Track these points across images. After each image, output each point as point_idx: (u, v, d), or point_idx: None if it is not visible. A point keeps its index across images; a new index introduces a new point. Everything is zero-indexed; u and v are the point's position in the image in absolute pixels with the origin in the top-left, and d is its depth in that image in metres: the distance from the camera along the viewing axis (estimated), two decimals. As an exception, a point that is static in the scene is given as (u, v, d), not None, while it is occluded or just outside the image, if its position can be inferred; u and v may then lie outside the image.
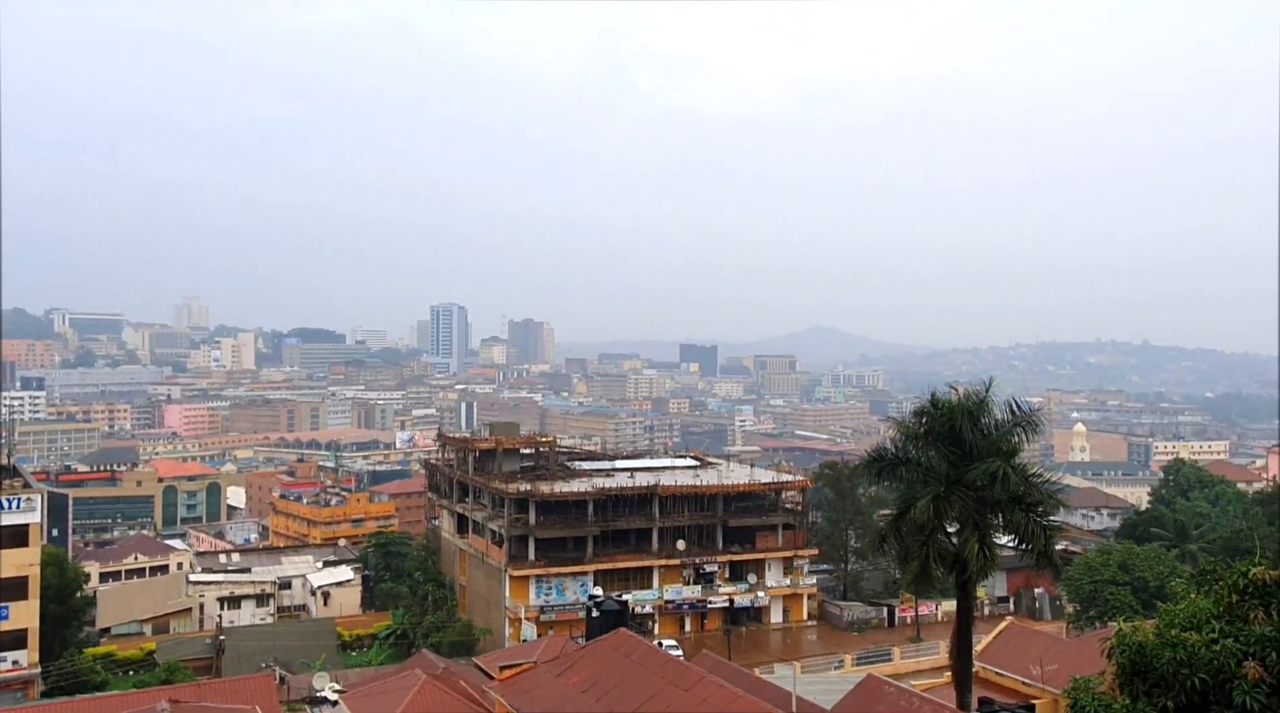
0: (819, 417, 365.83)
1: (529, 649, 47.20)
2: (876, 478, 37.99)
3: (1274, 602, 11.60)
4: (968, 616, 35.68)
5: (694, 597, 75.08)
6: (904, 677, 50.97)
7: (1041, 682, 38.91)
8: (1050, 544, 34.35)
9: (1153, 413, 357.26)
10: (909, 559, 34.49)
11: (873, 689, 31.82)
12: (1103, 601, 59.02)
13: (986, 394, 34.44)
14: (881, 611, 77.70)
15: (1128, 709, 11.25)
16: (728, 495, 77.94)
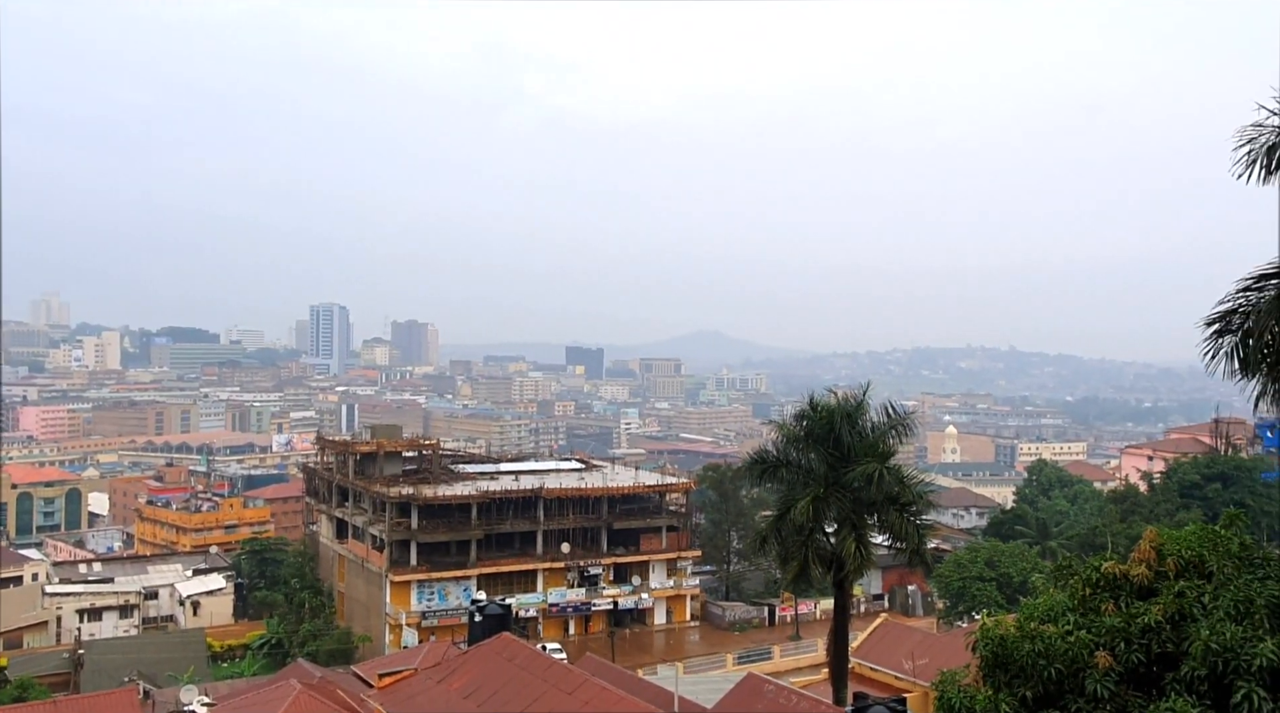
0: (703, 419, 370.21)
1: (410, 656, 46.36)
2: (758, 480, 38.70)
3: (1123, 594, 12.33)
4: (844, 613, 36.69)
5: (578, 599, 75.06)
6: (783, 675, 52.05)
7: (913, 676, 40.36)
8: (923, 543, 35.64)
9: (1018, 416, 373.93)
10: (789, 559, 35.30)
11: (753, 688, 32.39)
12: (970, 596, 61.37)
13: (864, 398, 35.54)
14: (762, 610, 79.13)
15: (990, 700, 11.76)
16: (612, 498, 78.18)
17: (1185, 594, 11.80)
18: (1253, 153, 13.69)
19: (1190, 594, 11.79)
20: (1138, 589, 12.40)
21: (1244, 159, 13.74)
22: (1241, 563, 12.42)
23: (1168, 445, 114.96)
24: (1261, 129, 13.70)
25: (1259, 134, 13.68)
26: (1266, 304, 14.12)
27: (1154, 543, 12.81)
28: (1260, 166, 13.68)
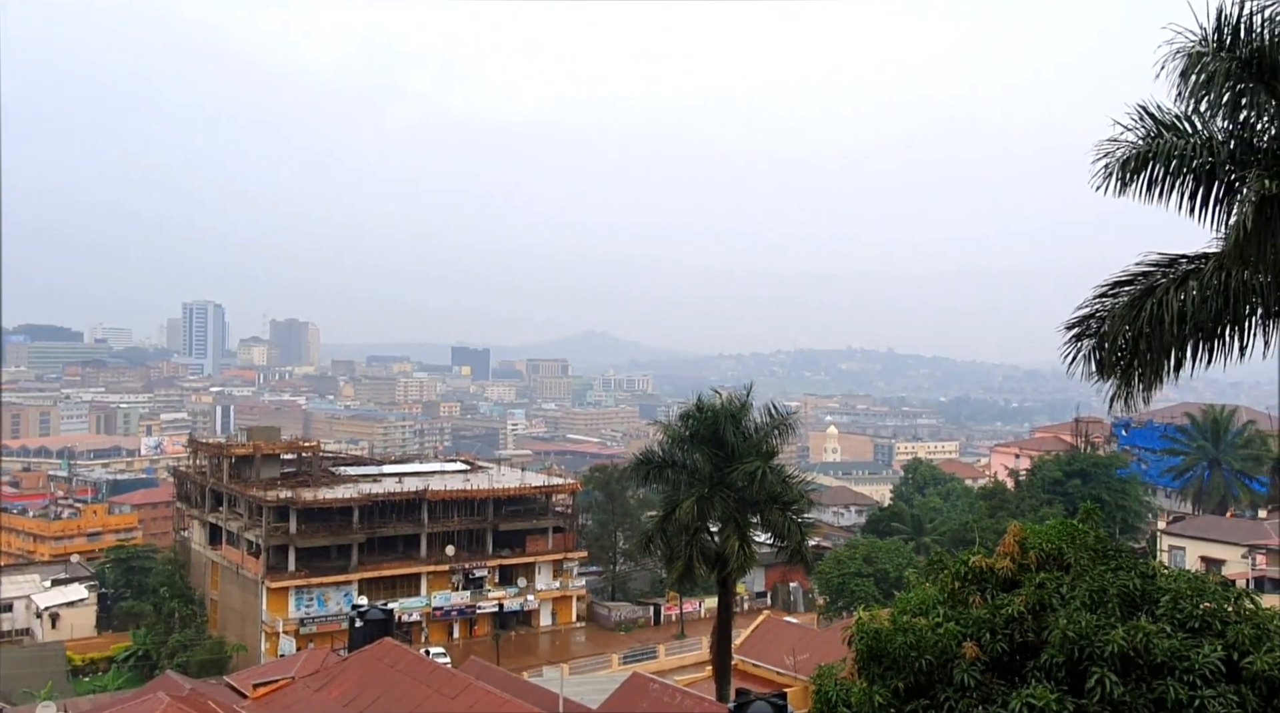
0: (590, 420, 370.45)
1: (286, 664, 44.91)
2: (644, 480, 39.03)
3: (989, 587, 12.84)
4: (728, 611, 37.29)
5: (463, 603, 74.17)
6: (668, 673, 52.47)
7: (794, 671, 41.18)
8: (804, 541, 36.50)
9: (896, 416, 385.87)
10: (674, 558, 35.68)
11: (637, 687, 32.56)
12: (849, 592, 63.06)
13: (747, 398, 36.20)
14: (648, 610, 79.67)
15: (864, 692, 12.09)
16: (498, 500, 77.53)
17: (1045, 585, 12.36)
18: (1109, 166, 14.44)
19: (1050, 585, 12.36)
20: (1002, 582, 12.93)
21: (1101, 172, 14.49)
22: (1097, 555, 13.08)
23: (1033, 444, 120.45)
24: (1117, 143, 14.46)
25: (1115, 148, 14.44)
26: (1120, 310, 14.90)
27: (1017, 537, 13.38)
28: (1116, 179, 14.43)
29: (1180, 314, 14.15)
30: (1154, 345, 14.68)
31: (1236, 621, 11.65)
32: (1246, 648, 11.09)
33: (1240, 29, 13.17)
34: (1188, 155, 14.06)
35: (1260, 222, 12.37)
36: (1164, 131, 14.32)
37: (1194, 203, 14.38)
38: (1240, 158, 13.95)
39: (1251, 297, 14.19)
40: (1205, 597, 12.16)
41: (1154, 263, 15.20)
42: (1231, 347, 14.93)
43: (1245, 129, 13.83)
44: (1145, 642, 11.04)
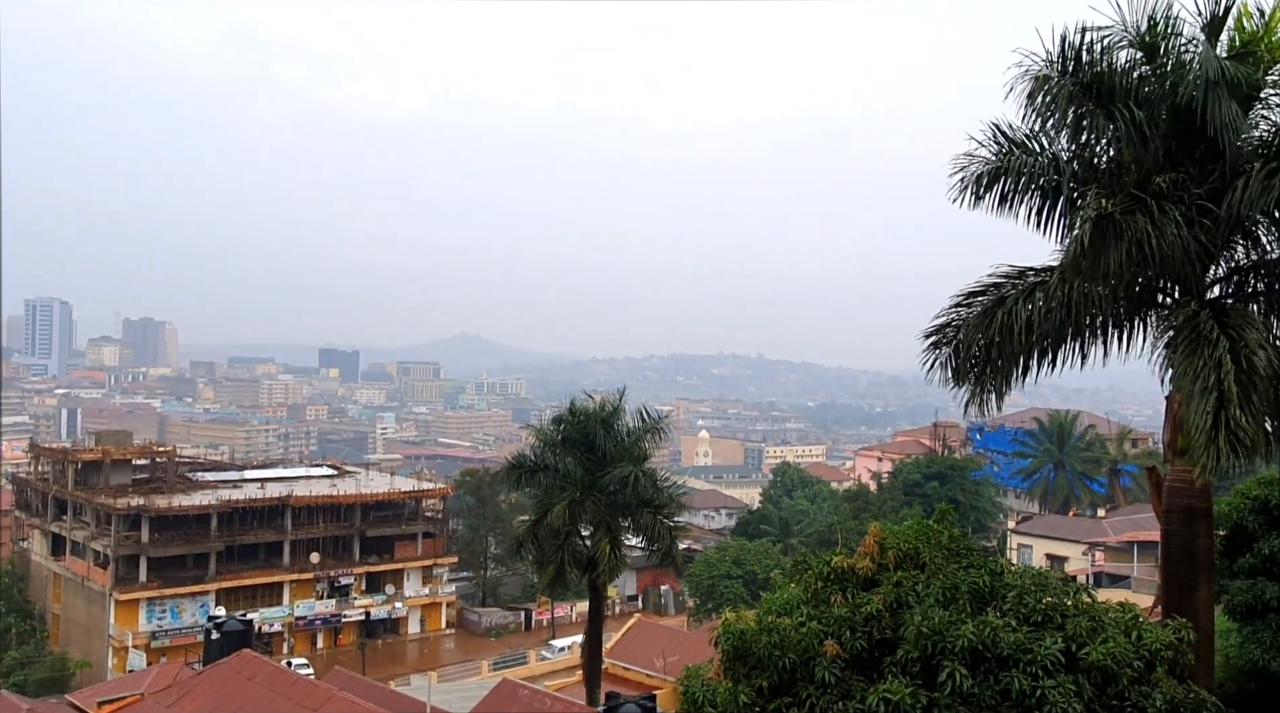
0: (462, 424, 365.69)
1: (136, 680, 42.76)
2: (516, 484, 38.73)
3: (849, 586, 13.24)
4: (599, 615, 37.35)
5: (328, 611, 72.13)
6: (539, 679, 52.19)
7: (664, 673, 41.52)
8: (675, 544, 36.86)
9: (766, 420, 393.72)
10: (546, 563, 35.56)
11: (507, 693, 32.23)
12: (719, 594, 64.01)
13: (620, 402, 36.33)
14: (519, 615, 79.14)
15: (729, 691, 12.28)
16: (366, 505, 75.72)
17: (902, 584, 12.81)
18: (964, 180, 15.12)
19: (907, 584, 12.82)
20: (862, 581, 13.34)
21: (958, 185, 15.16)
22: (950, 554, 13.65)
23: (895, 448, 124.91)
24: (972, 158, 15.15)
25: (970, 163, 15.13)
26: (974, 319, 15.60)
27: (877, 538, 13.83)
28: (971, 193, 15.12)
29: (1028, 324, 14.91)
30: (1004, 353, 15.42)
31: (1075, 614, 12.32)
32: (1084, 640, 11.75)
33: (1081, 55, 13.97)
34: (1035, 172, 14.85)
35: (1097, 238, 13.13)
36: (1014, 149, 15.09)
37: (1040, 217, 15.20)
38: (1082, 176, 14.81)
39: (1091, 308, 15.08)
40: (1048, 592, 12.83)
41: (1004, 275, 15.98)
42: (1074, 355, 15.83)
43: (1086, 149, 14.69)
44: (992, 636, 11.56)
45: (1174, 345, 13.67)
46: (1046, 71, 14.16)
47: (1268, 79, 14.07)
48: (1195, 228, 13.39)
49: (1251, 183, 12.93)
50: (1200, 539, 14.67)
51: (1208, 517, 14.89)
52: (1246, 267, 14.86)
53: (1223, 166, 13.48)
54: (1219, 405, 12.40)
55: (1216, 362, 12.69)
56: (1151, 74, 14.15)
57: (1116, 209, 13.19)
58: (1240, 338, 12.90)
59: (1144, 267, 13.44)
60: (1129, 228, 13.07)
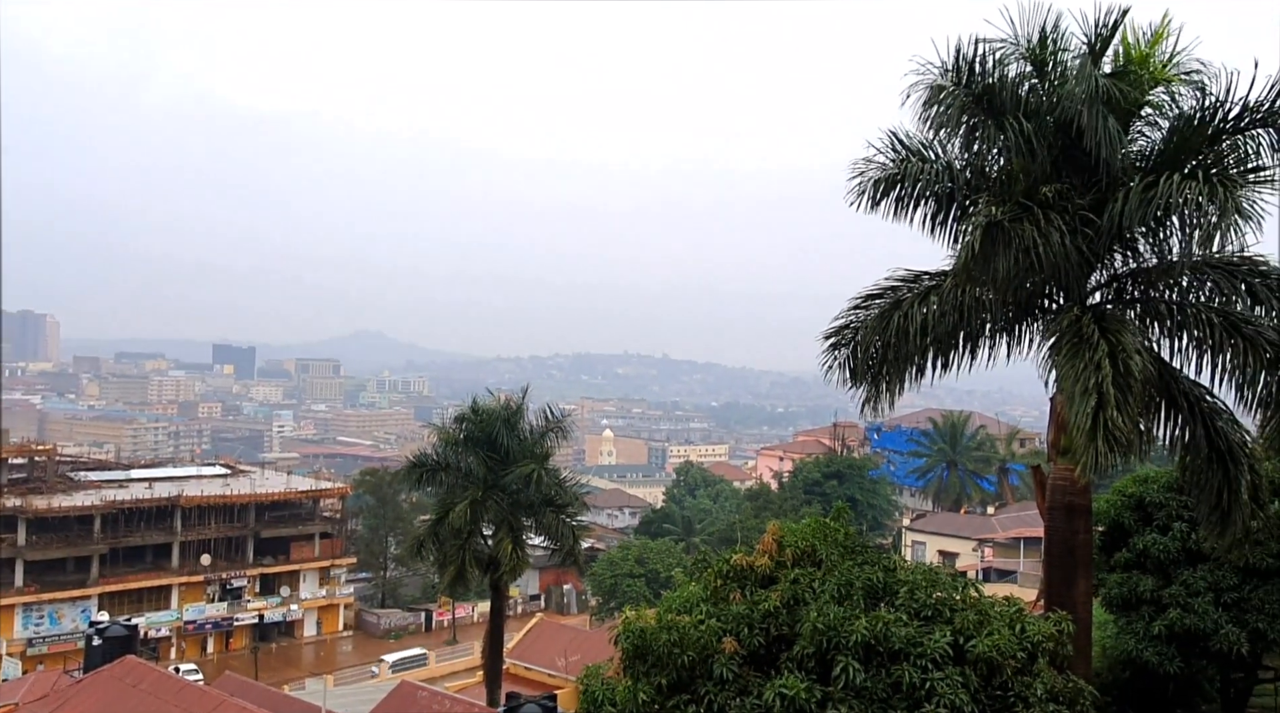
0: (363, 422, 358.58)
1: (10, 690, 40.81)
2: (417, 483, 38.20)
3: (748, 583, 13.40)
4: (500, 615, 37.09)
5: (219, 615, 69.93)
6: (439, 680, 51.61)
7: (566, 672, 41.46)
8: (577, 543, 36.82)
9: (669, 420, 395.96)
10: (447, 563, 35.13)
11: (405, 695, 31.74)
12: (621, 593, 64.14)
13: (523, 401, 36.16)
14: (419, 616, 78.00)
15: (628, 689, 12.31)
16: (261, 505, 73.65)
17: (799, 581, 13.02)
18: (862, 186, 15.47)
19: (804, 581, 13.03)
20: (761, 578, 13.51)
21: (855, 190, 15.50)
22: (846, 551, 13.93)
23: (796, 447, 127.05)
24: (870, 164, 15.51)
25: (868, 169, 15.49)
26: (871, 321, 15.98)
27: (776, 536, 14.03)
28: (868, 198, 15.48)
29: (922, 326, 15.34)
30: (900, 355, 15.83)
31: (963, 608, 12.69)
32: (971, 633, 12.12)
33: (975, 67, 14.43)
34: (930, 179, 15.28)
35: (987, 244, 13.58)
36: (911, 156, 15.50)
37: (934, 223, 15.65)
38: (974, 184, 15.30)
39: (982, 312, 15.60)
40: (938, 588, 13.19)
41: (901, 278, 16.42)
42: (965, 357, 16.34)
43: (978, 158, 15.17)
44: (885, 631, 11.84)
45: (1058, 349, 14.21)
46: (941, 81, 14.57)
47: (1147, 99, 14.74)
48: (1078, 237, 13.96)
49: (1131, 196, 13.53)
50: (1080, 535, 15.30)
51: (1087, 513, 15.54)
52: (1124, 274, 15.54)
53: (1103, 179, 14.08)
54: (1098, 406, 12.93)
55: (1096, 365, 13.23)
56: (1040, 88, 14.68)
57: (1005, 217, 13.66)
58: (1118, 342, 13.48)
59: (1031, 273, 13.95)
60: (1017, 235, 13.55)
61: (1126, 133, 14.51)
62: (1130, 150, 14.77)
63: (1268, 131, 13.92)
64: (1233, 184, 13.19)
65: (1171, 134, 14.50)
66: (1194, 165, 13.70)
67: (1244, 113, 13.92)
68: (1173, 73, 14.37)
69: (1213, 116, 14.10)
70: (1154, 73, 14.44)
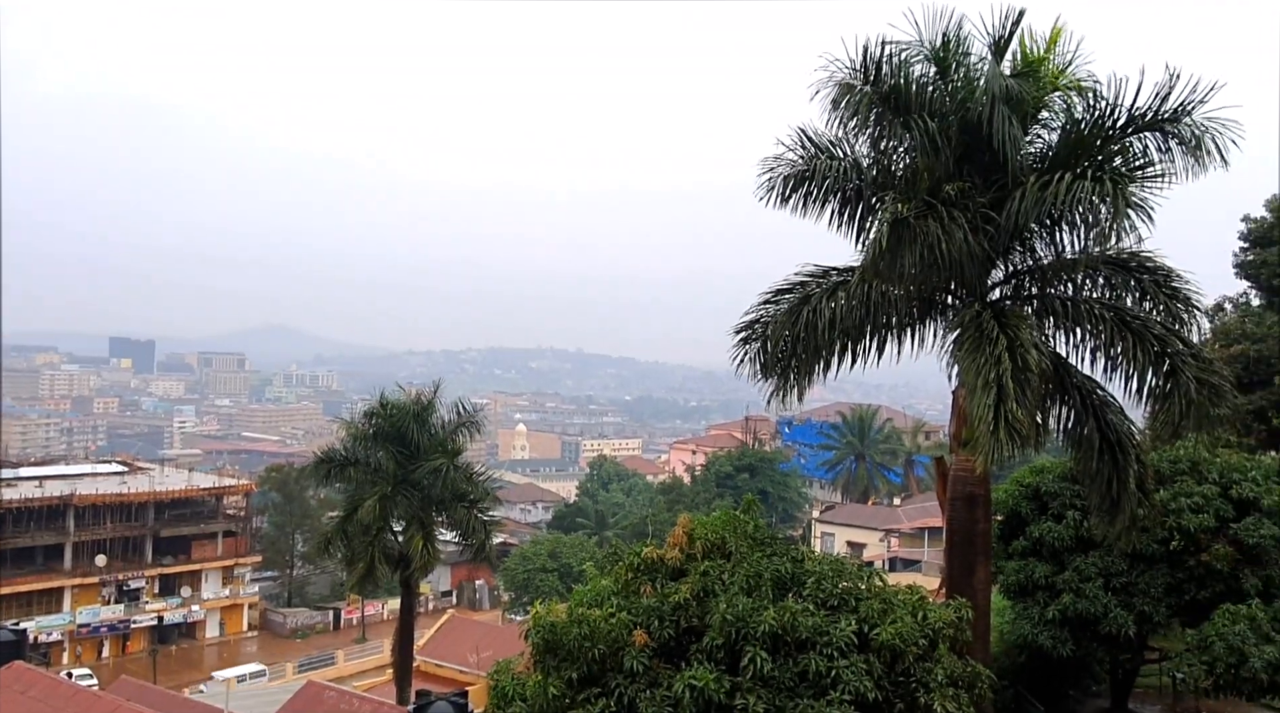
0: (269, 418, 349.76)
1: (-112, 700, 38.75)
2: (325, 479, 37.41)
3: (659, 576, 13.47)
4: (410, 612, 36.61)
5: (115, 617, 67.49)
6: (347, 679, 50.70)
7: (478, 668, 41.14)
8: (489, 538, 36.55)
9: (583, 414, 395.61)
10: (355, 560, 34.49)
11: (312, 695, 31.07)
12: (534, 587, 63.90)
13: (434, 395, 35.69)
14: (327, 614, 76.53)
15: (539, 684, 12.28)
16: (160, 503, 71.29)
17: (709, 573, 13.14)
18: (771, 182, 15.65)
19: (713, 573, 13.15)
20: (671, 571, 13.61)
21: (765, 186, 15.66)
22: (755, 543, 14.11)
23: (708, 441, 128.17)
24: (780, 161, 15.69)
25: (777, 166, 15.66)
26: (781, 315, 16.17)
27: (686, 529, 14.13)
28: (778, 194, 15.66)
29: (831, 321, 15.59)
30: (808, 348, 16.06)
31: (868, 597, 12.99)
32: (875, 621, 12.41)
33: (881, 66, 14.70)
34: (838, 176, 15.53)
35: (893, 240, 13.87)
36: (819, 153, 15.72)
37: (843, 220, 15.92)
38: (881, 181, 15.60)
39: (888, 307, 15.92)
40: (844, 578, 13.47)
41: (810, 273, 16.66)
42: (872, 351, 16.67)
43: (885, 156, 15.47)
44: (792, 620, 12.03)
45: (960, 344, 14.59)
46: (850, 80, 14.80)
47: (1044, 101, 15.23)
48: (979, 234, 14.35)
49: (1028, 194, 13.96)
50: (980, 524, 15.75)
51: (987, 503, 16.01)
52: (1023, 271, 16.04)
53: (1004, 178, 14.49)
54: (998, 400, 13.32)
55: (996, 359, 13.64)
56: (944, 88, 15.03)
57: (911, 214, 13.97)
58: (1016, 337, 13.92)
59: (935, 269, 14.28)
60: (922, 232, 13.87)
61: (1026, 133, 14.97)
62: (1029, 151, 15.24)
63: (1154, 135, 14.51)
64: (1123, 183, 13.72)
65: (1066, 136, 15.01)
66: (1086, 166, 14.19)
67: (1132, 118, 14.50)
68: (1067, 77, 14.88)
69: (1104, 120, 14.64)
70: (1050, 76, 14.93)
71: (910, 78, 14.83)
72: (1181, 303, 15.03)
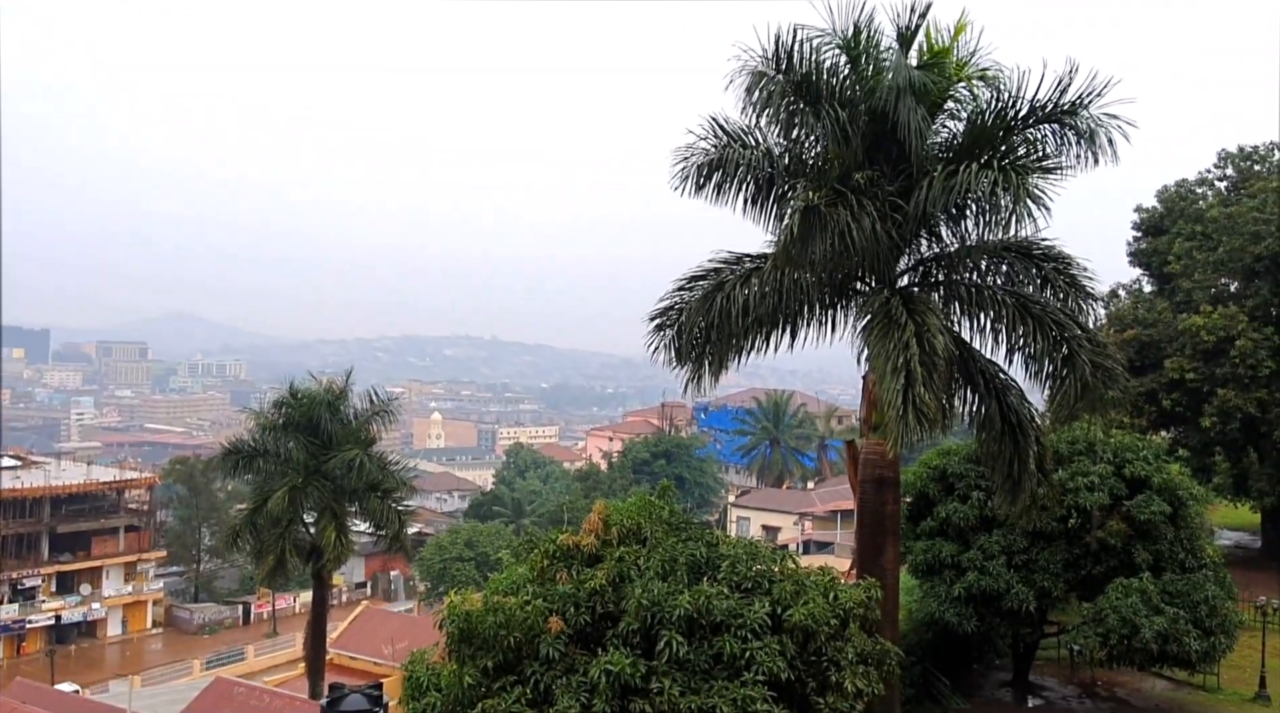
0: (174, 409, 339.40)
1: None
2: (233, 471, 36.67)
3: (575, 563, 13.47)
4: (323, 604, 36.04)
5: (9, 618, 64.81)
6: (258, 674, 49.61)
7: (393, 660, 40.64)
8: (404, 528, 36.24)
9: (499, 402, 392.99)
10: (265, 553, 33.82)
11: (221, 692, 30.42)
12: (451, 577, 63.37)
13: (347, 384, 35.14)
14: (236, 609, 74.74)
15: (454, 673, 12.19)
16: (57, 498, 68.54)
17: (625, 559, 13.19)
18: (685, 170, 15.72)
19: (629, 558, 13.21)
20: (587, 557, 13.62)
21: (678, 174, 15.72)
22: (670, 528, 14.20)
23: (625, 428, 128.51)
24: (693, 150, 15.76)
25: (691, 154, 15.74)
26: (695, 302, 16.28)
27: (601, 515, 14.15)
28: (691, 182, 15.74)
29: (744, 307, 15.75)
30: (722, 335, 16.21)
31: (781, 579, 13.19)
32: (788, 603, 12.61)
33: (793, 55, 14.85)
34: (751, 165, 15.68)
35: (805, 228, 14.06)
36: (732, 142, 15.84)
37: (755, 207, 16.08)
38: (793, 170, 15.80)
39: (800, 294, 16.15)
40: (758, 561, 13.66)
41: (724, 260, 16.80)
42: (785, 337, 16.90)
43: (797, 144, 15.66)
44: (707, 604, 12.16)
45: (869, 330, 14.90)
46: (763, 68, 14.92)
47: (949, 93, 15.58)
48: (888, 222, 14.64)
49: (934, 184, 14.29)
50: (889, 505, 16.14)
51: (896, 485, 16.40)
52: (930, 258, 16.44)
53: (911, 167, 14.80)
54: (907, 384, 13.64)
55: (905, 345, 13.95)
56: (854, 77, 15.27)
57: (822, 202, 14.17)
58: (924, 323, 14.26)
59: (845, 256, 14.53)
60: (832, 220, 14.08)
61: (932, 124, 15.30)
62: (935, 141, 15.59)
63: (1053, 126, 14.98)
64: (1023, 172, 14.14)
65: (971, 126, 15.39)
66: (990, 156, 14.59)
67: (1033, 109, 14.94)
68: (972, 69, 15.24)
69: (1006, 111, 15.06)
70: (956, 68, 15.28)
71: (821, 67, 15.02)
72: (1079, 290, 15.59)
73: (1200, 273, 33.31)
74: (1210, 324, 31.43)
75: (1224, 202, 34.67)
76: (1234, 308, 31.78)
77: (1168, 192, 36.83)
